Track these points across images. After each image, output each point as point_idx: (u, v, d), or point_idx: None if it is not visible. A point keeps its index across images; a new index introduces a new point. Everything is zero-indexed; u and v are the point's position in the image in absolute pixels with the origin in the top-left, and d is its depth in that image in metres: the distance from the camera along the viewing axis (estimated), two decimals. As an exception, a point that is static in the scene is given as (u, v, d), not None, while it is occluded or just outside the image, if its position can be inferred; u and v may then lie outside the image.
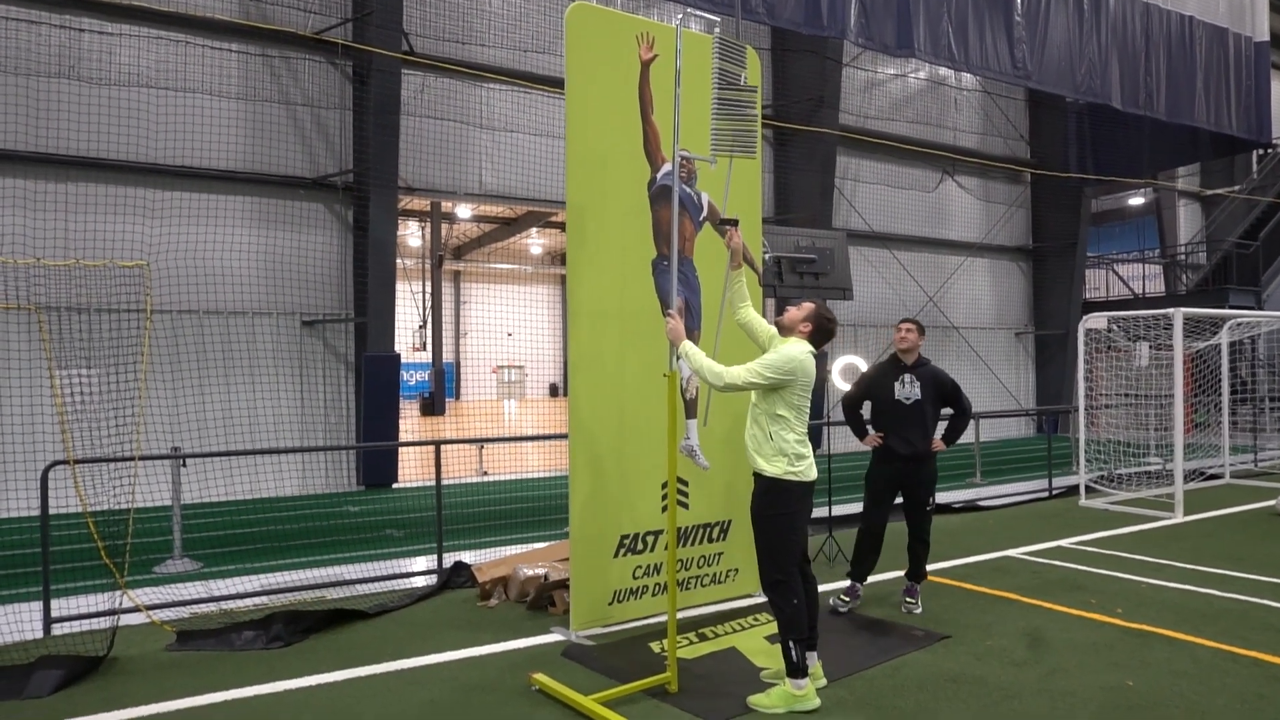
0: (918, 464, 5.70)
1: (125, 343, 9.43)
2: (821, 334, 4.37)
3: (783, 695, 4.13)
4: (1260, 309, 18.48)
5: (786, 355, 4.24)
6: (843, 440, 15.31)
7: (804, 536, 4.39)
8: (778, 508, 4.21)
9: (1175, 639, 5.10)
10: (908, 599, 5.76)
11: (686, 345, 4.30)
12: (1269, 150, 21.47)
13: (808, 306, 4.43)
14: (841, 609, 5.70)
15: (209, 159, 10.70)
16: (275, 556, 7.35)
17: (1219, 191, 23.30)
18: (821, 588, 6.25)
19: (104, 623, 5.32)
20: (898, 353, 5.84)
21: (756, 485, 4.30)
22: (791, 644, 4.14)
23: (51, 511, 5.51)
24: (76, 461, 5.65)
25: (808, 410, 4.33)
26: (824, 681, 4.40)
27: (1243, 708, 4.12)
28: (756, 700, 4.18)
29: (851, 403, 6.01)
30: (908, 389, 5.69)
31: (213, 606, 5.85)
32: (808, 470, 4.26)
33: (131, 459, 6.04)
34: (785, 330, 4.42)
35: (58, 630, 5.32)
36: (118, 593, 5.44)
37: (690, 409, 5.65)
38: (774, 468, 4.21)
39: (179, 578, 6.64)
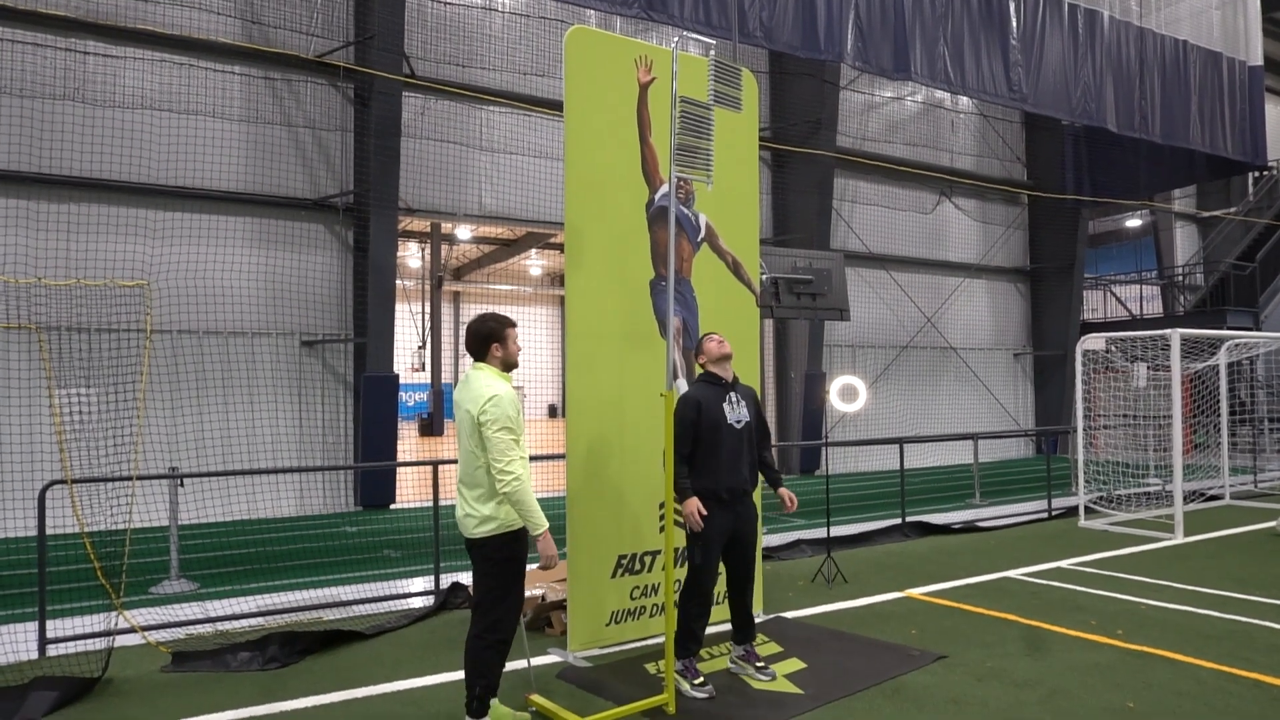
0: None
1: (125, 362, 9.46)
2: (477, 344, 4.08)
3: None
4: (1258, 330, 18.52)
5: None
6: (842, 461, 15.34)
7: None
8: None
9: (1177, 660, 5.07)
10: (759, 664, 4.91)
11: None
12: (1265, 172, 21.63)
13: None
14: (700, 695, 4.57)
15: (211, 180, 10.77)
16: (272, 577, 7.31)
17: (1216, 213, 23.43)
18: (821, 609, 6.25)
19: (99, 644, 5.29)
20: (711, 364, 4.80)
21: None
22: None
23: (48, 531, 5.49)
24: (74, 481, 5.65)
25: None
26: None
27: (1244, 730, 4.09)
28: None
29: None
30: (736, 410, 4.76)
31: (209, 627, 5.82)
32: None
33: (129, 479, 6.04)
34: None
35: (53, 651, 5.28)
36: (113, 613, 5.42)
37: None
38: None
39: (175, 598, 6.61)
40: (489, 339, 4.08)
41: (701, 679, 4.62)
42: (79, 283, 9.39)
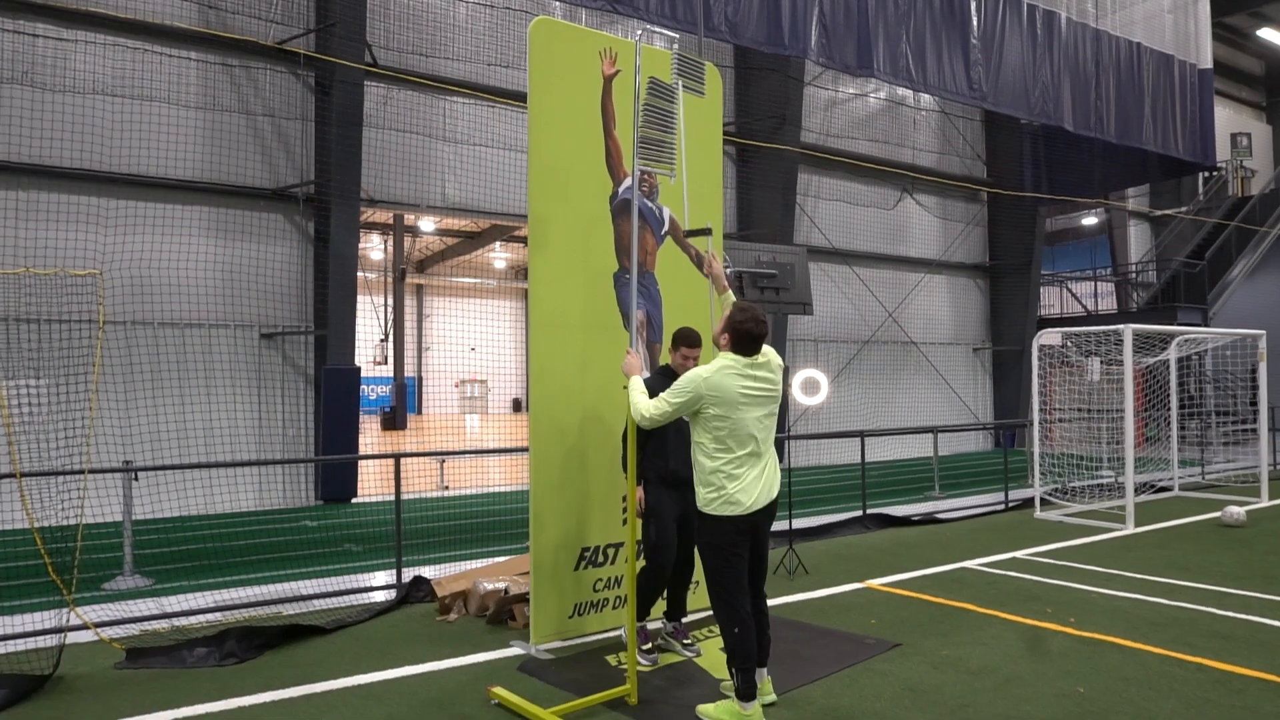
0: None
1: (76, 354, 9.24)
2: (740, 339, 4.06)
3: (730, 710, 4.06)
4: (1207, 326, 19.03)
5: (686, 377, 4.10)
6: (804, 454, 15.49)
7: (742, 568, 4.11)
8: (704, 537, 4.15)
9: (1125, 646, 5.21)
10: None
11: (634, 381, 4.37)
12: (1214, 173, 22.21)
13: (726, 315, 4.19)
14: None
15: (166, 168, 10.54)
16: (229, 572, 7.21)
17: (1168, 212, 24.01)
18: (783, 600, 6.32)
19: (51, 640, 5.18)
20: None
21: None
22: (734, 670, 4.06)
23: (-4, 526, 5.36)
24: (23, 475, 5.51)
25: (736, 436, 4.02)
26: (773, 698, 4.31)
27: (1189, 712, 4.22)
28: (704, 710, 4.19)
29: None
30: None
31: (164, 623, 5.72)
32: (725, 505, 4.01)
33: (81, 472, 5.91)
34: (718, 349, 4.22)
35: (2, 649, 5.16)
36: (65, 610, 5.30)
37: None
38: (700, 499, 4.12)
39: (129, 594, 6.49)
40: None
41: (649, 646, 4.98)
42: (28, 271, 9.14)
